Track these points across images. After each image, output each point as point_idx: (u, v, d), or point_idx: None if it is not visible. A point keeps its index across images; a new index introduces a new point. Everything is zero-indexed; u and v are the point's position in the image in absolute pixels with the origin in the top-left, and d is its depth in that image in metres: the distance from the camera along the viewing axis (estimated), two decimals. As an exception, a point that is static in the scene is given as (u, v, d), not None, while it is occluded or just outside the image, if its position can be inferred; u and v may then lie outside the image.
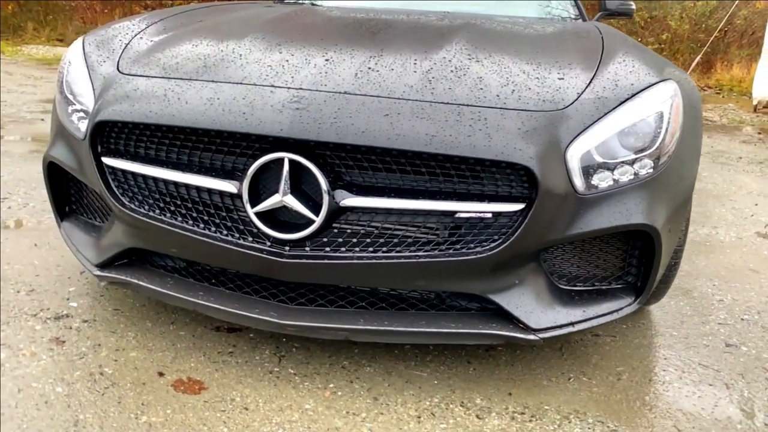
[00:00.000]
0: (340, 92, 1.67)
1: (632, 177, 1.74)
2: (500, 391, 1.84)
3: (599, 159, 1.70)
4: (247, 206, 1.63)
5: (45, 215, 2.91)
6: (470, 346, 2.04)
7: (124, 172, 1.79)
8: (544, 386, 1.88)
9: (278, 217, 1.66)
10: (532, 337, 1.72)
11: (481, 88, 1.73)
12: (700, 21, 11.39)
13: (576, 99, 1.75)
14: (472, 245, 1.64)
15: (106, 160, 1.80)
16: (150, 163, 1.75)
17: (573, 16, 3.24)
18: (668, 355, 2.09)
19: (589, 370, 1.98)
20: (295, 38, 2.07)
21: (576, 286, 1.86)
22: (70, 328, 2.00)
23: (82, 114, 1.96)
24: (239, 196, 1.64)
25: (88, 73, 1.97)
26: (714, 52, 10.67)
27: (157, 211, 1.77)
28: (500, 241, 1.63)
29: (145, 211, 1.78)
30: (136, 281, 1.84)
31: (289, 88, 1.68)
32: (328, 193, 1.58)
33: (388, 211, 1.63)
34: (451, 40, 2.09)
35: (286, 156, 1.58)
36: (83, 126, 1.93)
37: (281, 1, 3.34)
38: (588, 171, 1.69)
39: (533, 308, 1.74)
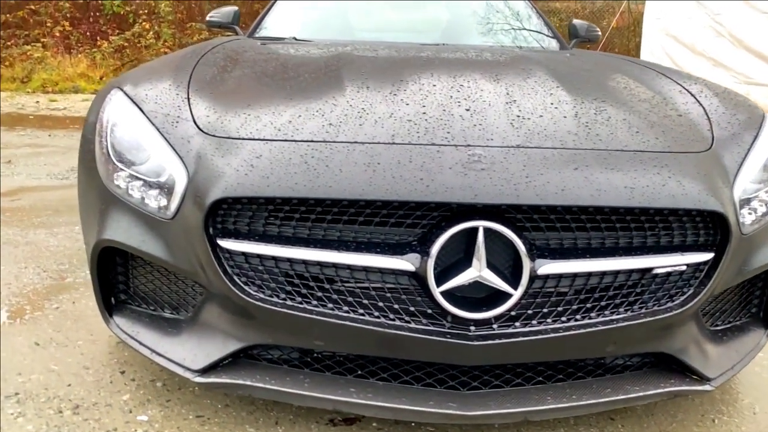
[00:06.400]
0: (512, 146, 1.49)
1: (766, 210, 1.72)
2: (665, 446, 1.74)
3: (744, 196, 1.67)
4: (432, 285, 1.39)
5: (13, 301, 2.39)
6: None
7: (247, 255, 1.47)
8: (697, 433, 1.81)
9: (456, 293, 1.44)
10: (707, 387, 1.64)
11: (637, 132, 1.64)
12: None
13: (712, 137, 1.72)
14: (663, 301, 1.53)
15: (224, 243, 1.46)
16: (289, 243, 1.45)
17: (557, 46, 3.28)
18: (774, 378, 2.12)
19: (721, 406, 1.93)
20: (396, 84, 1.83)
21: (717, 326, 1.82)
22: (162, 451, 1.62)
23: (141, 183, 1.61)
24: (417, 273, 1.40)
25: (159, 134, 1.61)
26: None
27: (299, 299, 1.47)
28: (691, 293, 1.53)
29: (281, 300, 1.47)
30: (261, 385, 1.51)
31: (457, 145, 1.47)
32: (529, 262, 1.39)
33: (582, 275, 1.47)
34: (539, 77, 1.98)
35: (481, 224, 1.37)
36: (153, 199, 1.59)
37: (247, 37, 3.06)
38: (742, 209, 1.65)
39: (704, 358, 1.67)
